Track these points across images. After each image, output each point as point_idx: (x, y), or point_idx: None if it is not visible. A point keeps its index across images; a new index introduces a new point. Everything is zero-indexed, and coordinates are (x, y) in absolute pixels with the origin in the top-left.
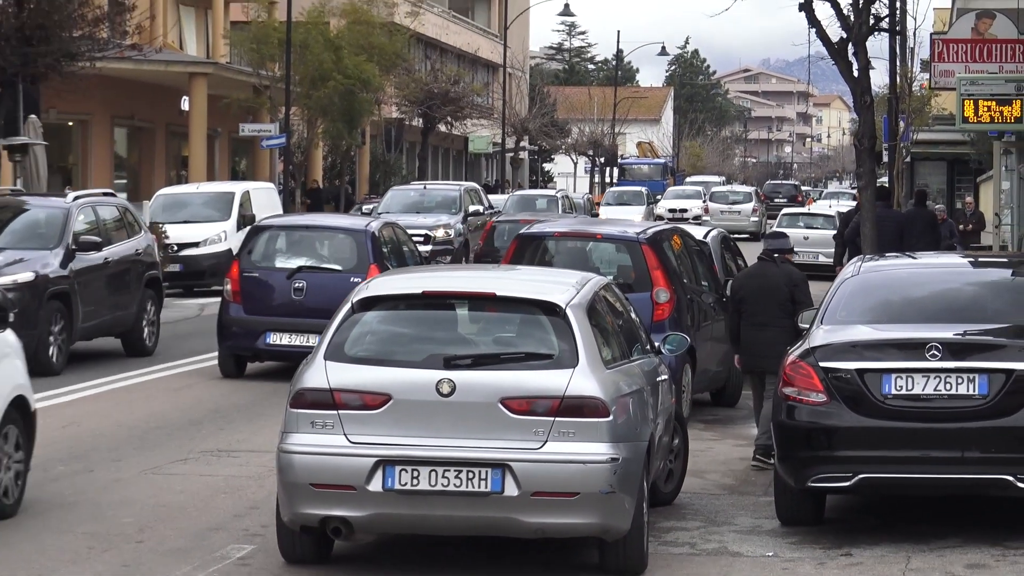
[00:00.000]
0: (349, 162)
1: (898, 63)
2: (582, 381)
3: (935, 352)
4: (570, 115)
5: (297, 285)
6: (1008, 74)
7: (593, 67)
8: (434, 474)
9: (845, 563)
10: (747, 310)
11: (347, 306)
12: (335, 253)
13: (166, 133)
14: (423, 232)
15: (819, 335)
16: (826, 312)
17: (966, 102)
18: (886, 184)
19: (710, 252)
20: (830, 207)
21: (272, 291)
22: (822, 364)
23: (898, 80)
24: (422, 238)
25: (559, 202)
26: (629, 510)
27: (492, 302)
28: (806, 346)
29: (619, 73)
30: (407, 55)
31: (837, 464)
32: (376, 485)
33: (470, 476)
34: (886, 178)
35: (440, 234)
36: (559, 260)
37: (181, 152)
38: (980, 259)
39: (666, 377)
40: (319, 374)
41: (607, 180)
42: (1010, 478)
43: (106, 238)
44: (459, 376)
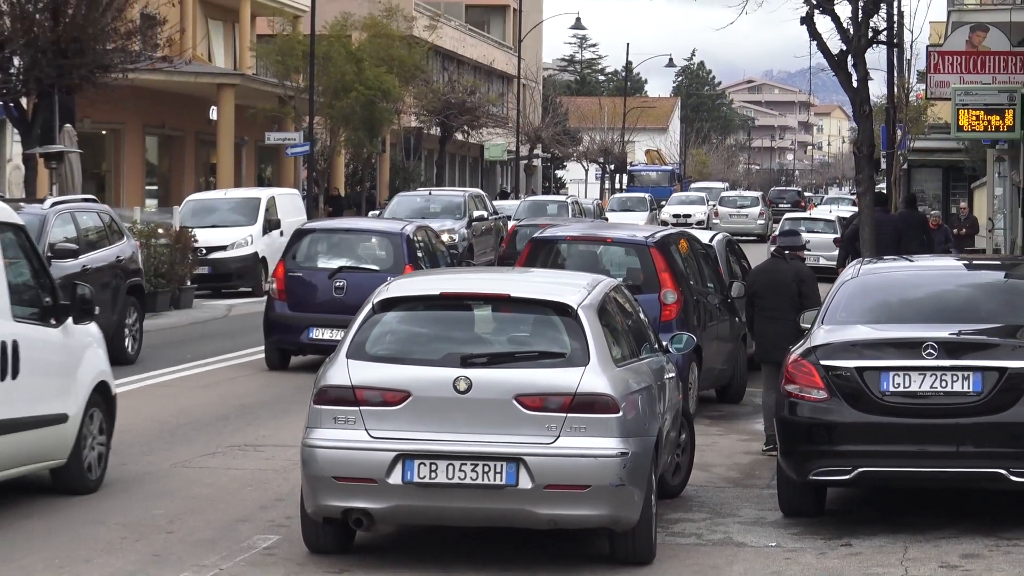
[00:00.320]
0: (370, 169)
1: (896, 74)
2: (593, 378)
3: (931, 351)
4: (581, 124)
5: (338, 284)
6: (1001, 85)
7: (603, 78)
8: (451, 467)
9: (845, 553)
10: (759, 303)
11: (368, 307)
12: (373, 254)
13: (195, 141)
14: None
15: (820, 334)
16: (827, 312)
17: (961, 112)
18: (884, 190)
19: (715, 255)
20: (830, 212)
21: (315, 290)
22: (823, 362)
23: (896, 91)
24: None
25: (568, 207)
26: (638, 502)
27: (507, 303)
28: (807, 345)
29: (628, 84)
30: (425, 67)
31: (837, 458)
32: (396, 478)
33: (486, 469)
34: (884, 184)
35: (445, 239)
36: (571, 263)
37: (209, 159)
38: (974, 262)
39: (673, 375)
40: (341, 372)
41: (617, 186)
42: (1003, 472)
43: (85, 245)
44: (475, 374)
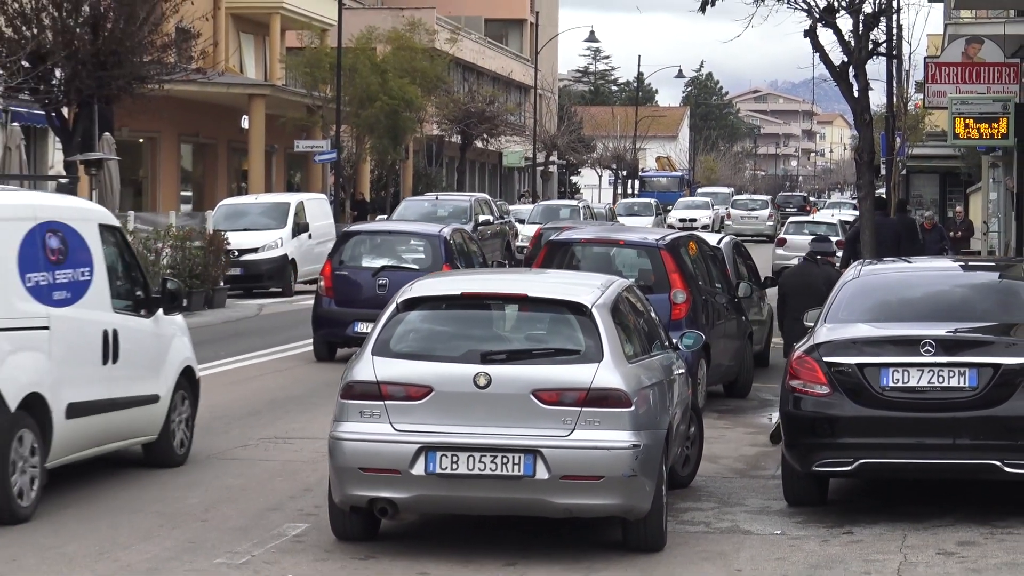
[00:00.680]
0: (394, 175)
1: (895, 85)
2: (606, 374)
3: (929, 348)
4: (595, 132)
5: (381, 282)
6: (995, 94)
7: (616, 88)
8: (472, 459)
9: (847, 540)
10: (790, 304)
11: (392, 306)
12: (413, 254)
13: (228, 149)
14: None
15: (823, 332)
16: (829, 311)
17: (957, 120)
18: (883, 195)
19: (723, 257)
20: (832, 216)
21: (360, 287)
22: (825, 359)
23: (895, 100)
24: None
25: (580, 211)
26: (649, 492)
27: (524, 302)
28: (811, 342)
29: (640, 94)
30: (447, 78)
31: (839, 450)
32: (419, 469)
33: (504, 461)
34: (884, 189)
35: None
36: (585, 264)
37: (241, 166)
38: (970, 263)
39: (683, 371)
40: (367, 368)
41: (629, 191)
42: (998, 463)
43: None
44: (494, 370)
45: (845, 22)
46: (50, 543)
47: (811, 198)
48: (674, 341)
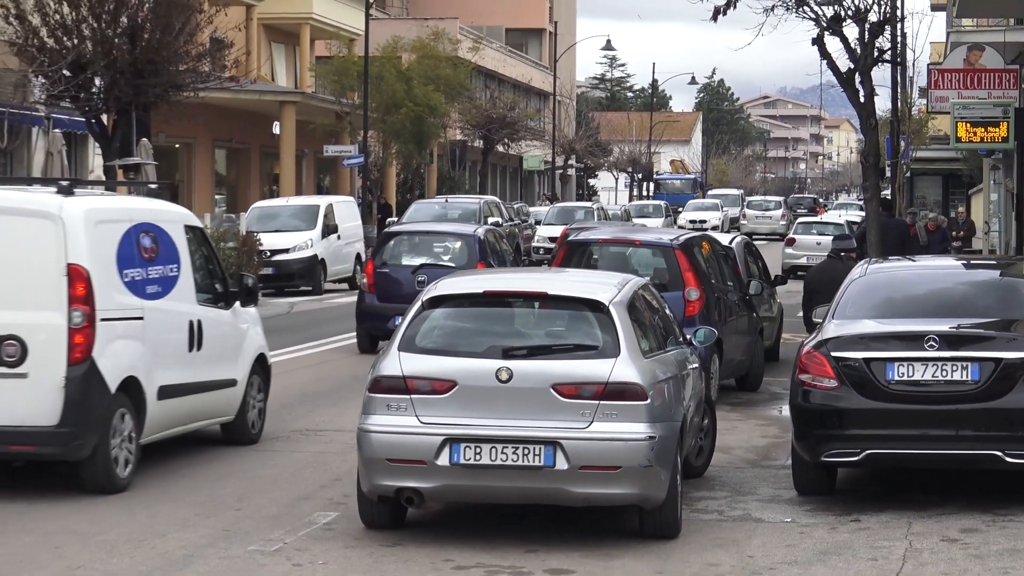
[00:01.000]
0: (419, 178)
1: (899, 90)
2: (623, 369)
3: (933, 343)
4: (611, 137)
5: (420, 279)
6: (995, 99)
7: (631, 95)
8: (494, 450)
9: (854, 528)
10: (816, 299)
11: (418, 304)
12: (450, 252)
13: (260, 154)
14: None
15: (831, 328)
16: (837, 308)
17: (959, 124)
18: (888, 196)
19: (735, 256)
20: (839, 216)
21: (400, 283)
22: (833, 354)
23: (899, 105)
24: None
25: (595, 213)
26: (665, 482)
27: (544, 300)
28: (819, 338)
29: (654, 100)
30: (469, 85)
31: (847, 441)
32: (444, 460)
33: (525, 452)
34: (889, 191)
35: None
36: (603, 263)
37: (273, 170)
38: (972, 262)
39: (696, 365)
40: (394, 363)
41: (644, 193)
42: (999, 453)
43: None
44: (516, 365)
45: (851, 30)
46: (91, 531)
47: (820, 200)
48: (688, 337)
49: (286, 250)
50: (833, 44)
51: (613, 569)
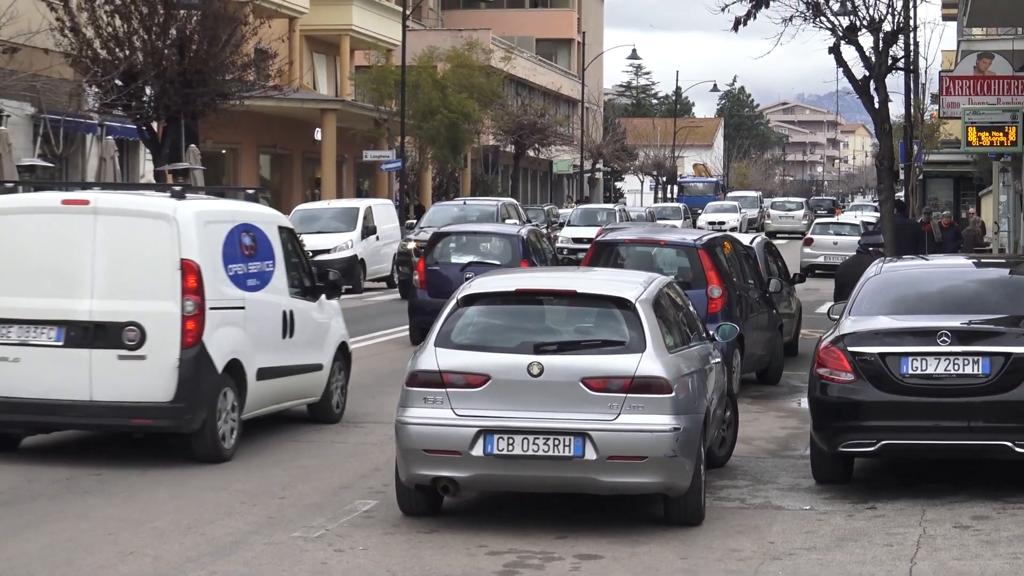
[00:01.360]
0: (454, 182)
1: (912, 96)
2: (649, 363)
3: (945, 338)
4: (637, 142)
5: (467, 276)
6: (1005, 105)
7: (656, 101)
8: (526, 441)
9: (870, 515)
10: (845, 292)
11: (453, 302)
12: (495, 251)
13: (302, 159)
14: None
15: (847, 324)
16: (853, 305)
17: (970, 129)
18: (902, 198)
19: (755, 256)
20: (855, 217)
21: (449, 280)
22: (850, 349)
23: (912, 111)
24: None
25: (616, 214)
26: (689, 471)
27: (574, 298)
28: (836, 334)
29: (678, 106)
30: (501, 93)
31: (863, 432)
32: (478, 450)
33: (556, 443)
34: (902, 193)
35: None
36: (629, 262)
37: (315, 175)
38: (982, 261)
39: (719, 360)
40: (430, 358)
41: (668, 196)
42: (1009, 444)
43: None
44: (547, 360)
45: (866, 40)
46: (143, 518)
47: (839, 201)
48: (711, 333)
49: (327, 250)
50: (849, 53)
51: (640, 555)
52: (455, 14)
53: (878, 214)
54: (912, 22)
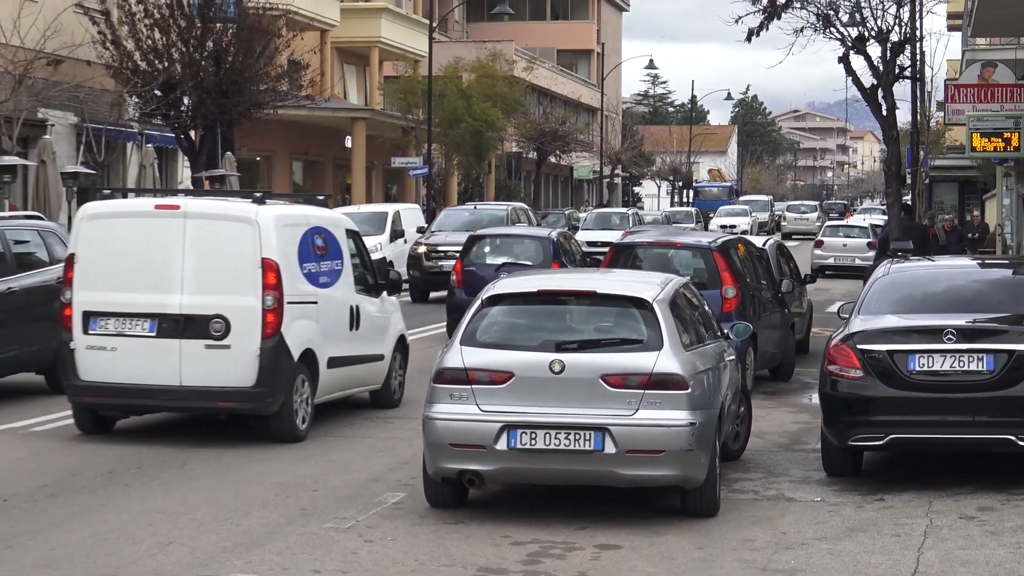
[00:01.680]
0: (478, 187)
1: (918, 104)
2: (666, 361)
3: (951, 336)
4: (654, 148)
5: (502, 276)
6: (1008, 112)
7: (672, 109)
8: (548, 435)
9: (879, 506)
10: None
11: (478, 302)
12: (528, 253)
13: (333, 166)
14: None
15: (857, 323)
16: (862, 304)
17: (974, 135)
18: (909, 202)
19: (768, 257)
20: (864, 220)
21: (484, 280)
22: (859, 346)
23: (919, 117)
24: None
25: (630, 218)
26: (705, 464)
27: (593, 298)
28: (846, 332)
29: (693, 114)
30: (524, 102)
31: (872, 427)
32: (502, 444)
33: (577, 437)
34: (909, 196)
35: None
36: (647, 264)
37: (345, 180)
38: (986, 262)
39: (733, 357)
40: (456, 356)
41: (684, 200)
42: (1012, 438)
43: (12, 266)
44: (568, 357)
45: (875, 50)
46: (181, 510)
47: (850, 205)
48: (725, 331)
49: None
50: (858, 62)
51: (657, 545)
52: (479, 26)
53: (886, 217)
54: (918, 33)
